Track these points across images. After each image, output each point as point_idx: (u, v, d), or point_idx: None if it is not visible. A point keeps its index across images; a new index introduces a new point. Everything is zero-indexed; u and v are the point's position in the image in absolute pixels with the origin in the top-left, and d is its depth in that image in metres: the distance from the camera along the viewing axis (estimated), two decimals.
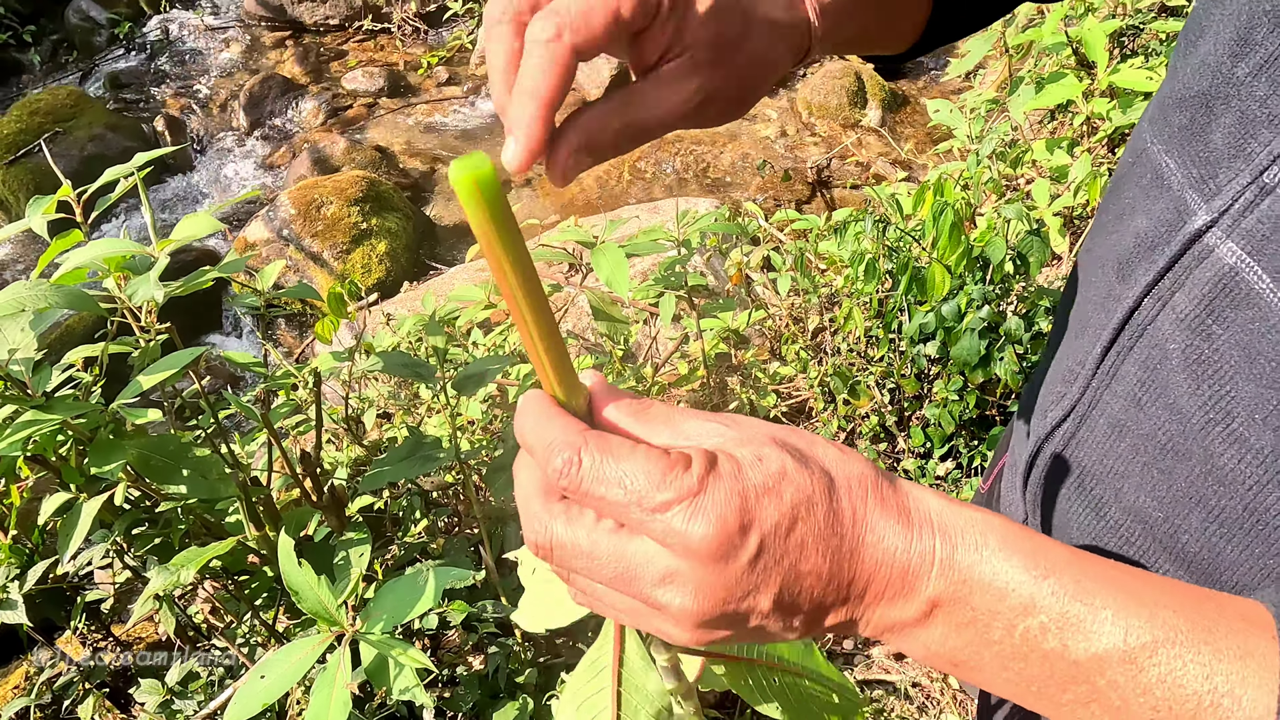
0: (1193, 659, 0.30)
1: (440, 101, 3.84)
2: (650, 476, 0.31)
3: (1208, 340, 0.40)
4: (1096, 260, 0.50)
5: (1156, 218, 0.44)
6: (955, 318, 1.20)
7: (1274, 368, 0.37)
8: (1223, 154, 0.40)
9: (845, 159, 3.33)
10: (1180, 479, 0.42)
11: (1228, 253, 0.39)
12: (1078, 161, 1.88)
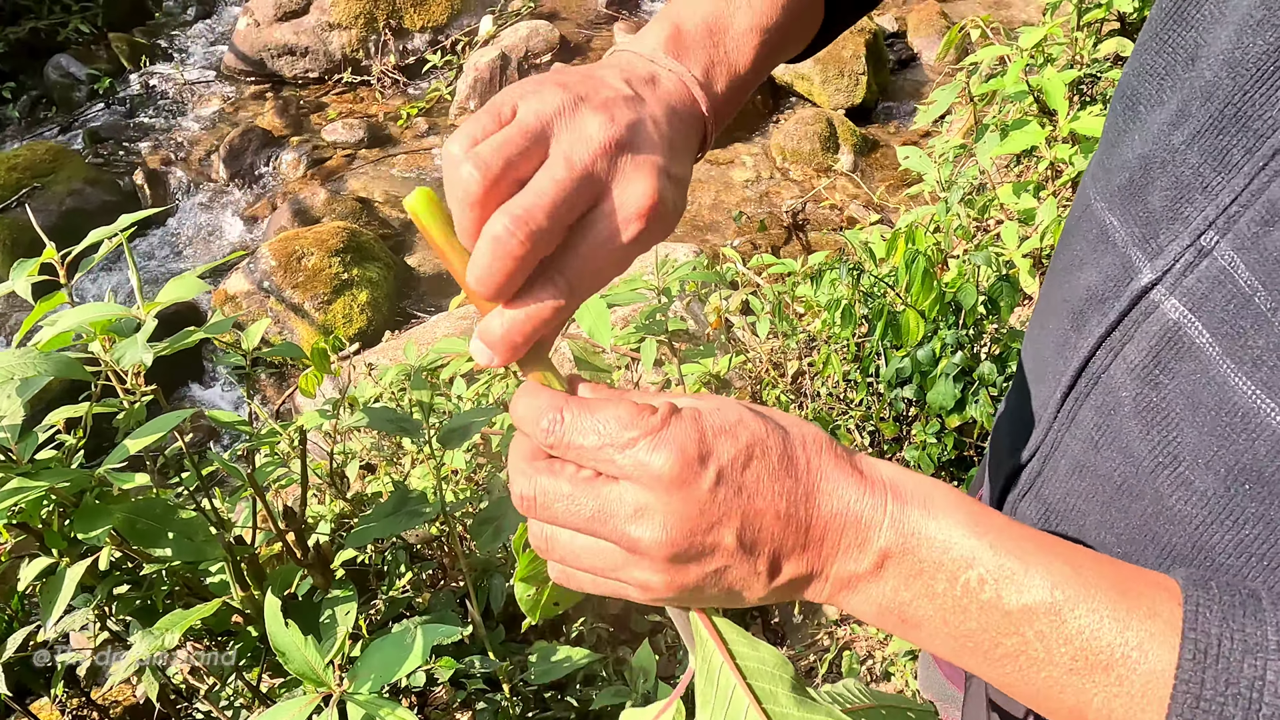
0: (1109, 615, 0.33)
1: (420, 152, 3.88)
2: (620, 420, 0.35)
3: (1156, 389, 0.42)
4: (1052, 308, 0.53)
5: (1105, 272, 0.47)
6: (930, 362, 1.24)
7: (1214, 416, 0.40)
8: (1161, 216, 0.43)
9: (819, 203, 3.40)
10: (1135, 517, 0.45)
11: (1171, 309, 0.41)
12: (1044, 205, 1.93)
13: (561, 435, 0.36)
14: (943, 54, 3.82)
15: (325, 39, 4.28)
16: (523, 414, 0.38)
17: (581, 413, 0.36)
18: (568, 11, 4.62)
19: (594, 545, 0.37)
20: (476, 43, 4.32)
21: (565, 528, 0.37)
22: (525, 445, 0.38)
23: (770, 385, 1.73)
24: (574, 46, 4.31)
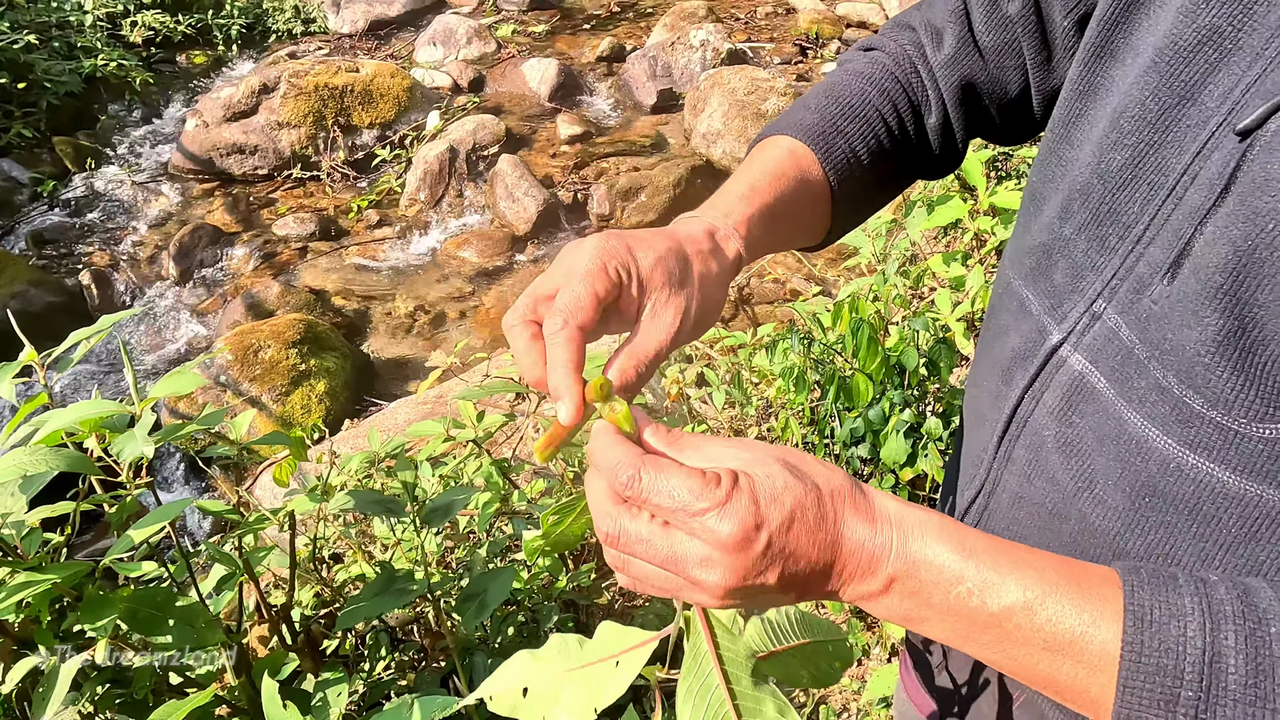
0: (1069, 604, 0.42)
1: (372, 243, 3.96)
2: (691, 490, 0.43)
3: (1070, 427, 0.53)
4: (985, 368, 0.63)
5: (1024, 336, 0.58)
6: (881, 421, 1.33)
7: (1117, 445, 0.50)
8: (1063, 289, 0.55)
9: (763, 277, 3.56)
10: (1065, 535, 0.54)
11: (1076, 362, 0.53)
12: (971, 272, 2.09)
13: (640, 491, 0.44)
14: None
15: (274, 137, 4.37)
16: (602, 462, 0.46)
17: (658, 475, 0.44)
18: (511, 106, 4.81)
19: (663, 575, 0.45)
20: (424, 137, 4.46)
21: (640, 560, 0.46)
22: (605, 487, 0.46)
23: None
24: (519, 138, 4.48)
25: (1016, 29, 0.66)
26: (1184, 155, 0.48)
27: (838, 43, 5.36)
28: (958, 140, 0.73)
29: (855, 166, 0.69)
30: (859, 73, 0.72)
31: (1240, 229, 0.44)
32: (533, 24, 5.68)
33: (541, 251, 3.87)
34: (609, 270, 0.52)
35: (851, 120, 0.69)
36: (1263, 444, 0.45)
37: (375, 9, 5.82)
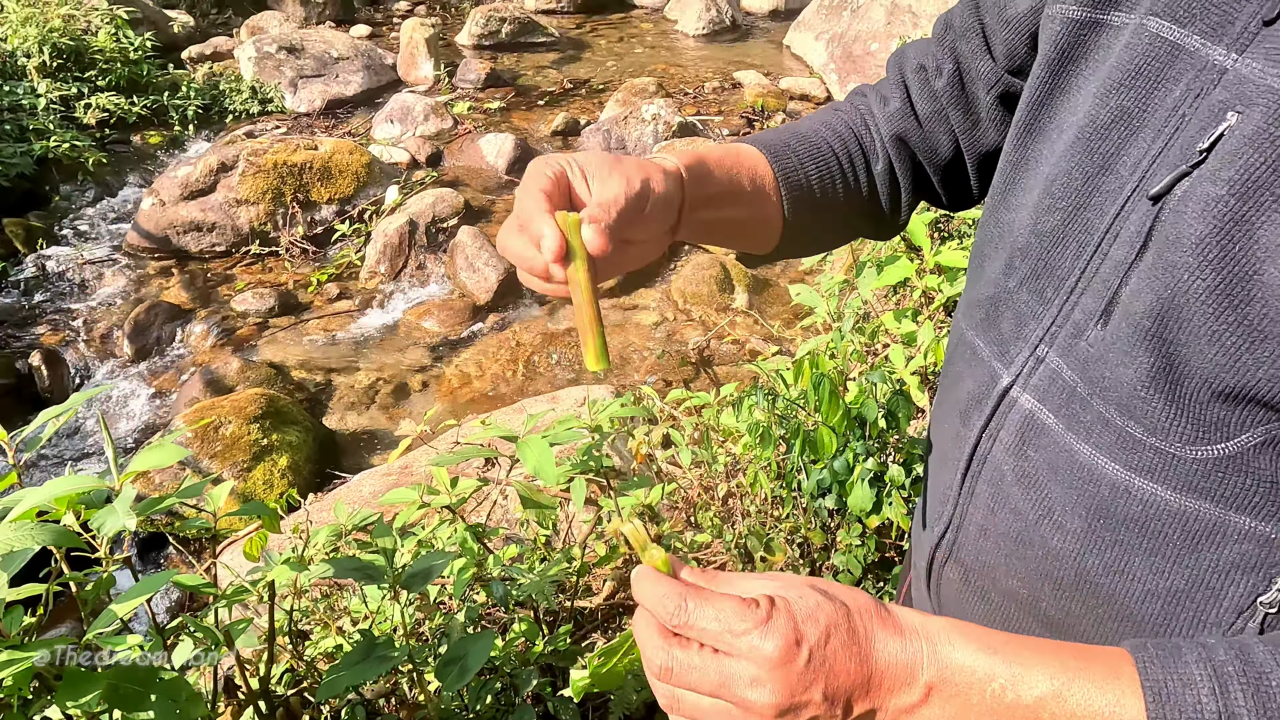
0: (1093, 687, 0.46)
1: (332, 316, 3.96)
2: (735, 612, 0.48)
3: (1026, 461, 0.59)
4: (945, 412, 0.70)
5: (978, 380, 0.64)
6: (846, 471, 1.38)
7: (1069, 474, 0.56)
8: (1010, 337, 0.61)
9: (723, 338, 3.64)
10: (1031, 561, 0.59)
11: (1025, 401, 0.59)
12: (922, 328, 2.18)
13: (687, 619, 0.48)
14: None
15: (233, 214, 4.39)
16: (649, 598, 0.50)
17: (702, 603, 0.48)
18: (469, 179, 4.91)
19: (716, 705, 0.48)
20: (384, 211, 4.51)
21: (693, 691, 0.48)
22: (654, 623, 0.50)
23: (703, 508, 1.83)
24: (478, 210, 4.57)
25: (944, 101, 0.75)
26: (1106, 217, 0.56)
27: (782, 114, 5.61)
28: (902, 197, 0.80)
29: (802, 179, 0.76)
30: (817, 118, 0.81)
31: (1160, 280, 0.51)
32: (488, 101, 5.84)
33: (503, 318, 3.92)
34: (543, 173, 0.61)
35: (803, 144, 0.77)
36: (1197, 464, 0.51)
37: (332, 89, 5.93)
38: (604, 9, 7.87)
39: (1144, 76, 0.56)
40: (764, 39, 7.15)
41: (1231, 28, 0.52)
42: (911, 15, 5.62)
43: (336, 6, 7.46)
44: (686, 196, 0.68)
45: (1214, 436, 0.51)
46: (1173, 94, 0.54)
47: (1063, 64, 0.62)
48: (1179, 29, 0.54)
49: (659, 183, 0.64)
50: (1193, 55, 0.53)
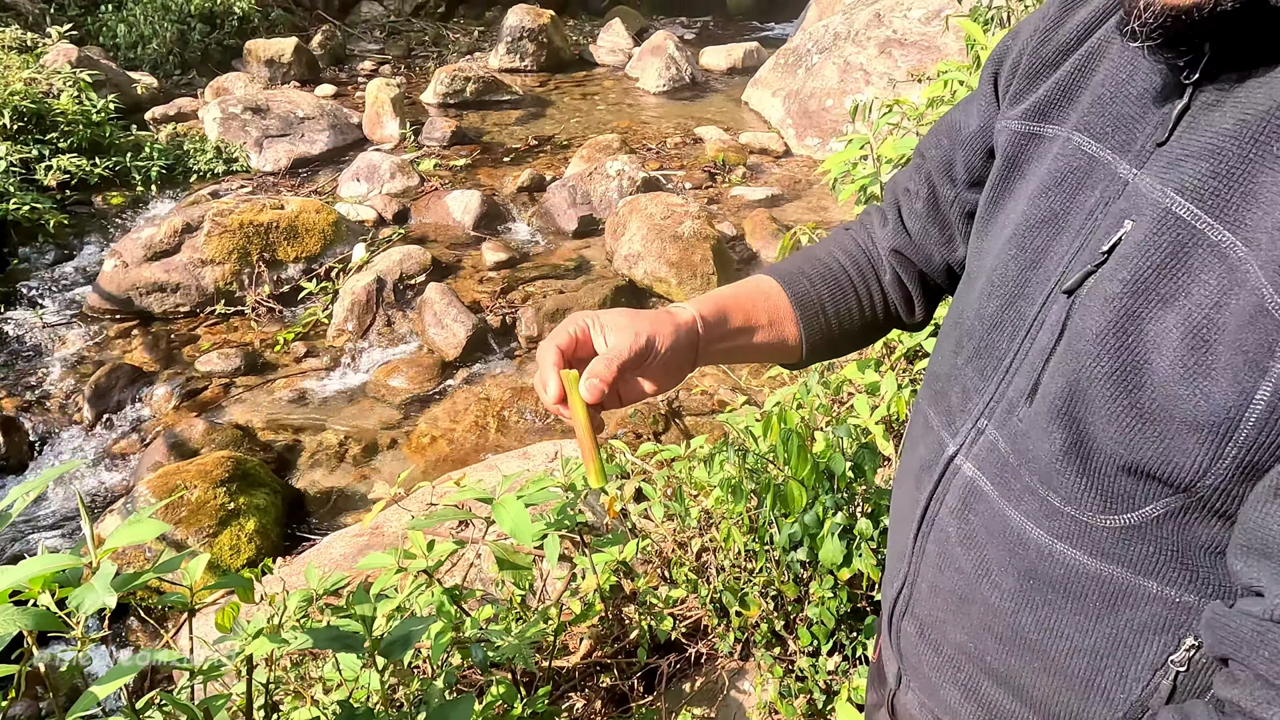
0: None
1: (299, 375, 3.94)
2: None
3: (967, 524, 0.65)
4: (903, 476, 0.76)
5: (929, 448, 0.71)
6: (816, 525, 1.41)
7: (1003, 538, 0.63)
8: (957, 410, 0.68)
9: (691, 390, 3.69)
10: (974, 617, 0.65)
11: (967, 469, 0.66)
12: (885, 378, 2.24)
13: None
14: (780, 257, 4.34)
15: (197, 274, 4.37)
16: None
17: None
18: (437, 236, 4.95)
19: None
20: (351, 269, 4.53)
21: None
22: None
23: (677, 563, 1.85)
24: (446, 266, 4.60)
25: (924, 220, 0.85)
26: (1034, 306, 0.63)
27: (743, 168, 5.76)
28: (914, 301, 0.89)
29: (815, 301, 0.85)
30: (830, 240, 0.91)
31: (1070, 365, 0.58)
32: (454, 158, 5.92)
33: (472, 373, 3.93)
34: (566, 330, 0.74)
35: (815, 267, 0.87)
36: (1108, 532, 0.57)
37: (298, 148, 5.98)
38: (566, 68, 8.06)
39: (1068, 182, 0.63)
40: (723, 95, 7.37)
41: (1134, 145, 0.59)
42: (863, 73, 5.85)
43: (302, 67, 7.55)
44: (702, 339, 0.78)
45: (1120, 507, 0.57)
46: (1090, 199, 0.61)
47: (1009, 170, 0.70)
48: (1096, 144, 0.62)
49: (666, 337, 0.74)
50: (1105, 167, 0.61)
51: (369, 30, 9.15)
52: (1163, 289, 0.54)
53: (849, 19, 6.23)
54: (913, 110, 2.57)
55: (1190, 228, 0.53)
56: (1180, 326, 0.52)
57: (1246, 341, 0.49)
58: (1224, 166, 0.53)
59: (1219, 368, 0.51)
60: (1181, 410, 0.52)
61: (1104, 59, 0.65)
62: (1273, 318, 0.48)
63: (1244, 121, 0.53)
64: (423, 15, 9.45)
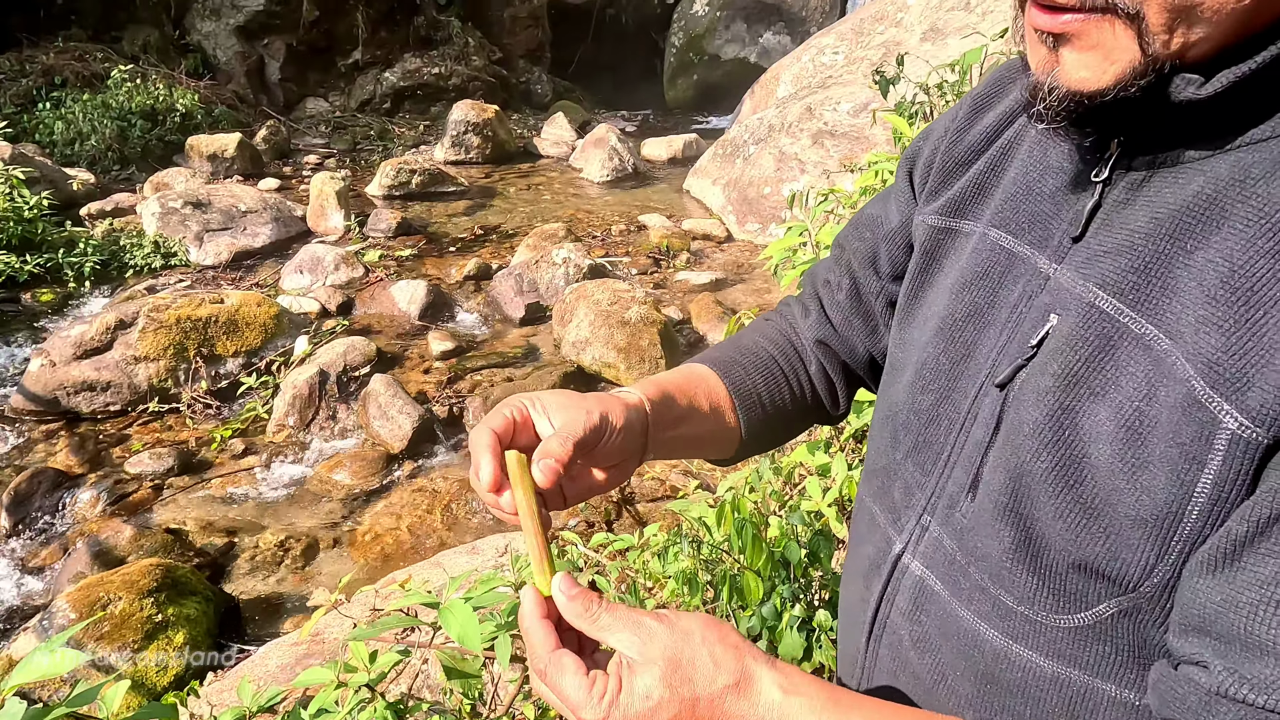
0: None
1: (236, 473, 3.80)
2: (580, 694, 0.54)
3: (920, 626, 0.63)
4: (851, 574, 0.74)
5: (876, 545, 0.69)
6: (774, 617, 1.38)
7: (957, 640, 0.60)
8: (901, 506, 0.67)
9: (642, 476, 3.65)
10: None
11: (915, 568, 0.64)
12: (835, 459, 2.25)
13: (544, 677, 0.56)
14: None
15: (130, 372, 4.23)
16: (527, 639, 0.58)
17: (560, 676, 0.55)
18: (382, 326, 4.91)
19: None
20: (293, 362, 4.44)
21: None
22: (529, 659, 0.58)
23: None
24: (391, 357, 4.54)
25: (847, 311, 0.85)
26: (967, 400, 0.63)
27: (687, 253, 5.89)
28: (838, 391, 0.89)
29: (752, 391, 0.84)
30: (755, 331, 0.91)
31: (1010, 460, 0.57)
32: (399, 249, 5.93)
33: (418, 466, 3.83)
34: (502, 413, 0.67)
35: (748, 357, 0.86)
36: (1063, 633, 0.55)
37: (239, 241, 5.92)
38: (512, 159, 8.23)
39: (990, 277, 0.64)
40: (665, 184, 7.59)
41: (1051, 241, 0.61)
42: (798, 162, 6.09)
43: (245, 162, 7.55)
44: (651, 424, 0.74)
45: (1074, 606, 0.55)
46: (1013, 293, 0.62)
47: (928, 263, 0.72)
48: (1013, 239, 0.63)
49: (619, 416, 0.69)
50: (1025, 262, 0.62)
51: (314, 125, 9.25)
52: (1093, 382, 0.54)
53: (782, 112, 6.52)
54: (847, 198, 2.67)
55: (1115, 321, 0.54)
56: (1113, 419, 0.53)
57: (1181, 433, 0.50)
58: (1141, 262, 0.54)
59: (1155, 460, 0.51)
60: (1124, 504, 0.52)
61: (1014, 158, 0.68)
62: (1205, 409, 0.49)
63: (1157, 219, 0.54)
64: (368, 110, 9.61)
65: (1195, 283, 0.51)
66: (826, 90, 6.41)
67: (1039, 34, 0.53)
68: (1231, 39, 0.49)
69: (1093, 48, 0.51)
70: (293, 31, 9.07)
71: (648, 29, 11.30)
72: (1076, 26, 0.50)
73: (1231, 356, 0.48)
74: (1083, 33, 0.50)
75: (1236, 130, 0.52)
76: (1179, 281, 0.52)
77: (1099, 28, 0.50)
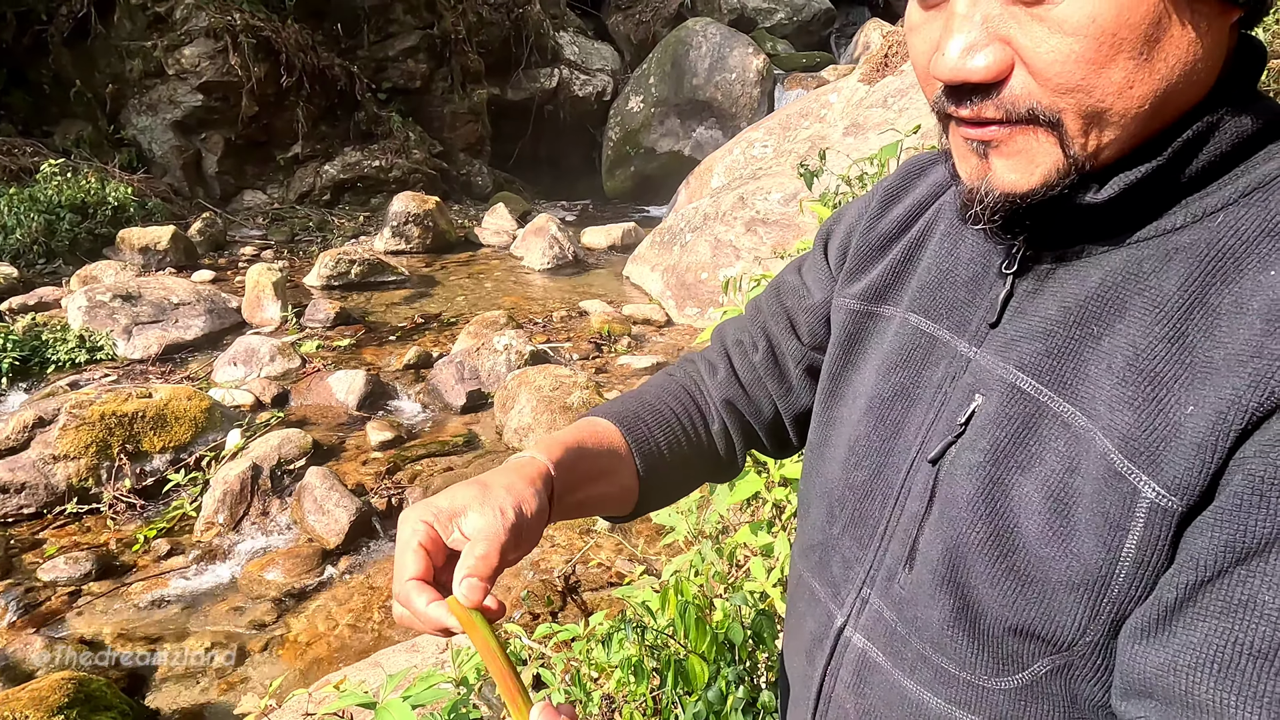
0: None
1: (161, 576, 3.61)
2: None
3: (864, 699, 0.64)
4: (792, 651, 0.75)
5: (818, 620, 0.70)
6: (720, 701, 1.37)
7: (901, 709, 0.62)
8: (840, 580, 0.68)
9: (588, 563, 3.60)
10: None
11: (857, 641, 0.65)
12: (777, 539, 2.27)
13: None
14: None
15: (47, 472, 4.04)
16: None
17: None
18: (318, 418, 4.81)
19: None
20: (224, 456, 4.30)
21: None
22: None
23: None
24: (328, 449, 4.44)
25: (760, 371, 0.87)
26: (900, 475, 0.66)
27: (628, 338, 5.96)
28: (736, 449, 0.90)
29: (654, 448, 0.84)
30: (658, 385, 0.91)
31: (946, 531, 0.60)
32: (338, 339, 5.87)
33: (356, 561, 3.71)
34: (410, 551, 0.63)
35: (650, 413, 0.86)
36: (1002, 694, 0.58)
37: (170, 334, 5.79)
38: (452, 249, 8.30)
39: (913, 359, 0.69)
40: (605, 271, 7.73)
41: (969, 327, 0.65)
42: (733, 249, 6.30)
43: (179, 254, 7.46)
44: (555, 489, 0.72)
45: (1012, 668, 0.58)
46: (937, 374, 0.67)
47: (850, 345, 0.76)
48: (933, 324, 0.68)
49: (530, 501, 0.67)
50: (946, 345, 0.66)
51: (252, 217, 9.22)
52: (1019, 457, 0.58)
53: (716, 201, 6.77)
54: None
55: (1035, 401, 0.58)
56: (1040, 491, 0.56)
57: (1104, 503, 0.53)
58: (1055, 346, 0.59)
59: (1081, 529, 0.54)
60: (1055, 571, 0.55)
61: (926, 248, 0.73)
62: (1125, 480, 0.53)
63: (1065, 308, 0.59)
64: (307, 202, 9.63)
65: (1105, 365, 0.56)
66: (758, 181, 6.69)
67: (969, 143, 0.58)
68: (1137, 140, 0.55)
69: (1019, 153, 0.55)
70: (231, 126, 9.12)
71: (585, 124, 11.70)
72: (1003, 135, 0.55)
73: (1144, 432, 0.52)
74: (1009, 140, 0.55)
75: (1129, 228, 0.58)
76: (1090, 364, 0.57)
77: (1024, 135, 0.54)
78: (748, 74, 10.66)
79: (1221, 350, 0.51)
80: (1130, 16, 0.49)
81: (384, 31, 10.13)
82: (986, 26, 0.52)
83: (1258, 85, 0.56)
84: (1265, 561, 0.47)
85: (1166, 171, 0.55)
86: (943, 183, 0.76)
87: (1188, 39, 0.51)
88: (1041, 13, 0.50)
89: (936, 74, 0.55)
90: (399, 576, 0.62)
